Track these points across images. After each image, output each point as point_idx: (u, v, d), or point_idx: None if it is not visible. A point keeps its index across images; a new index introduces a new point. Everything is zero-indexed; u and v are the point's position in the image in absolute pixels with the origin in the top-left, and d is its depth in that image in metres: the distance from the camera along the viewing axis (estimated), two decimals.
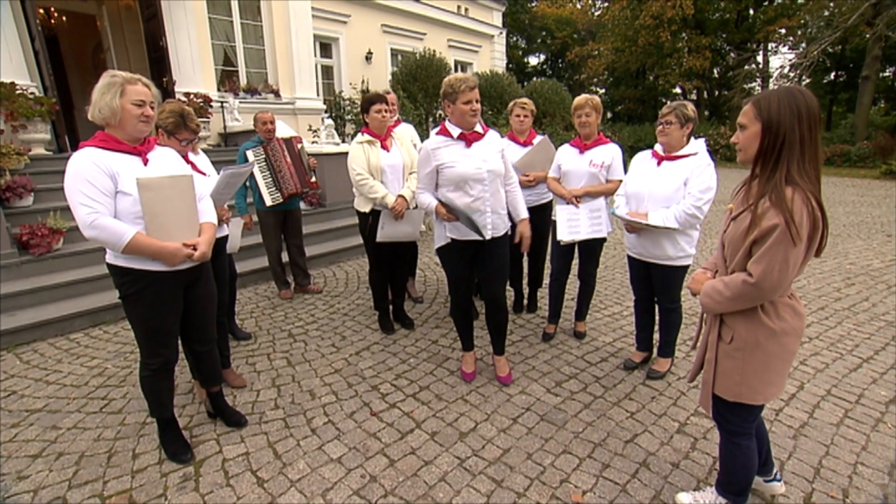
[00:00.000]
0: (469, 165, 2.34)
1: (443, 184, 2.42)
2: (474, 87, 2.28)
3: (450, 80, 2.29)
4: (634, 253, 2.61)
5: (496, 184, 2.43)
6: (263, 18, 8.86)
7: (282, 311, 3.92)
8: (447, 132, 2.40)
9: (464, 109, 2.29)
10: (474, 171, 2.34)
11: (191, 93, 7.50)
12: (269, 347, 3.25)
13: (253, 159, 3.71)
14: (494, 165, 2.39)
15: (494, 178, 2.40)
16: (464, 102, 2.28)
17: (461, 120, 2.34)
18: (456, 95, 2.28)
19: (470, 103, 2.29)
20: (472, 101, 2.28)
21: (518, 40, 30.47)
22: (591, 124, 2.85)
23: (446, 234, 2.45)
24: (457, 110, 2.31)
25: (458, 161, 2.35)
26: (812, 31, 19.65)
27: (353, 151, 3.05)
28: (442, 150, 2.38)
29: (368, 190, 3.02)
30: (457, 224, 2.41)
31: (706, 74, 23.89)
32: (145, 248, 1.75)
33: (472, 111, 2.30)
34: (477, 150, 2.39)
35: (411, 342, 3.28)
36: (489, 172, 2.37)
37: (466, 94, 2.27)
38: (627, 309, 3.82)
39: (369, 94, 3.06)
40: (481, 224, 2.37)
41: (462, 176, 2.33)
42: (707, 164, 2.31)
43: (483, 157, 2.38)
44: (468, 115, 2.30)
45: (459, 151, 2.37)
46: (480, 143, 2.41)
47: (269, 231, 4.00)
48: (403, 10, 12.89)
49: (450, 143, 2.39)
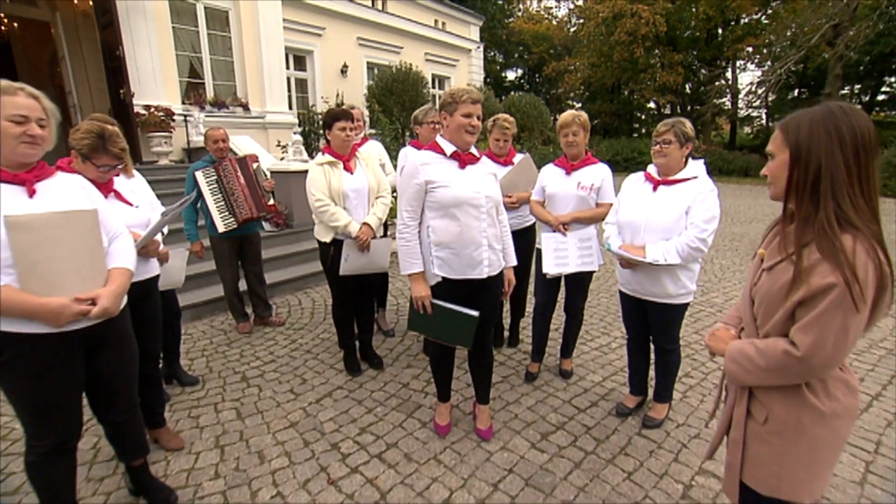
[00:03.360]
0: (466, 187, 2.03)
1: (431, 208, 2.07)
2: (478, 102, 2.01)
3: (452, 90, 2.02)
4: (628, 289, 2.33)
5: (492, 213, 2.13)
6: (232, 29, 8.49)
7: (237, 349, 3.50)
8: (438, 148, 2.09)
9: (462, 122, 2.01)
10: (472, 194, 2.03)
11: (151, 105, 7.07)
12: (219, 394, 2.84)
13: (203, 181, 3.33)
14: (491, 192, 2.11)
15: (492, 206, 2.11)
16: (463, 114, 2.00)
17: (456, 136, 2.05)
18: (455, 106, 2.00)
19: (470, 117, 2.01)
20: (473, 115, 2.01)
21: (496, 55, 30.69)
22: (579, 143, 2.59)
23: (434, 271, 2.11)
24: (453, 123, 2.02)
25: (453, 182, 2.03)
26: (776, 50, 20.32)
27: (312, 174, 2.71)
28: (433, 167, 2.05)
29: (329, 217, 2.67)
30: (448, 258, 2.08)
31: (679, 90, 24.44)
32: (14, 306, 1.34)
33: (470, 127, 2.01)
34: (472, 174, 2.09)
35: (379, 386, 2.92)
36: (487, 198, 2.07)
37: (467, 107, 1.99)
38: (616, 341, 3.54)
39: (332, 110, 2.74)
40: (476, 261, 2.08)
41: (457, 199, 2.01)
42: (710, 189, 2.06)
43: (479, 181, 2.09)
44: (465, 131, 2.02)
45: (453, 171, 2.07)
46: (475, 167, 2.13)
47: (223, 259, 3.61)
48: (380, 24, 12.70)
49: (441, 160, 2.07)
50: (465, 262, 2.07)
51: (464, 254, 2.05)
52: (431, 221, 2.08)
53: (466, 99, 1.98)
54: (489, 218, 2.09)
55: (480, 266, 2.09)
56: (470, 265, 2.08)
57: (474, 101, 2.00)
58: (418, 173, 2.04)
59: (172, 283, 2.69)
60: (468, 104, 1.99)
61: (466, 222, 2.03)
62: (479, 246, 2.07)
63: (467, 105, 1.99)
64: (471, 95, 1.99)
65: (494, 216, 2.14)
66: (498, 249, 2.17)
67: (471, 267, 2.08)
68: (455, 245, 2.05)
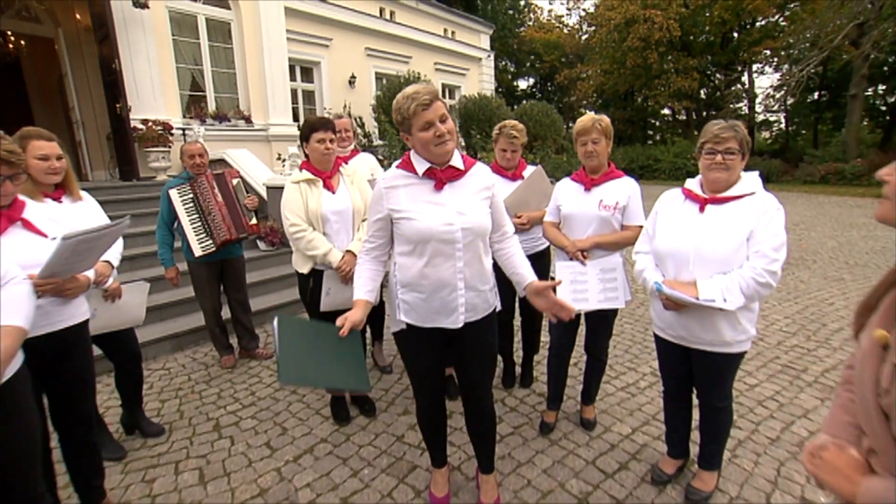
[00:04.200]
0: (436, 218, 1.58)
1: (398, 241, 1.70)
2: (431, 102, 1.50)
3: (396, 103, 1.56)
4: (670, 335, 1.88)
5: (476, 247, 1.66)
6: (234, 40, 8.31)
7: (216, 387, 3.13)
8: (410, 166, 1.65)
9: (424, 138, 1.54)
10: (442, 227, 1.58)
11: (149, 119, 6.86)
12: (184, 449, 2.46)
13: (177, 200, 3.00)
14: (475, 220, 1.62)
15: (473, 238, 1.64)
16: (421, 128, 1.54)
17: (426, 151, 1.59)
18: (408, 123, 1.55)
19: (432, 127, 1.52)
20: (434, 122, 1.52)
21: (507, 64, 30.48)
22: (600, 153, 2.17)
23: (400, 316, 1.72)
24: (416, 141, 1.59)
25: (420, 212, 1.59)
26: (795, 52, 19.74)
27: (287, 194, 2.34)
28: (400, 193, 1.62)
29: (306, 245, 2.30)
30: (414, 302, 1.68)
31: (694, 95, 23.88)
32: None
33: (436, 138, 1.53)
34: (450, 197, 1.63)
35: (369, 438, 2.51)
36: (465, 231, 1.60)
37: (421, 117, 1.51)
38: (645, 379, 3.08)
39: (309, 119, 2.37)
40: (451, 308, 1.66)
41: (421, 234, 1.58)
42: (776, 208, 1.62)
43: (459, 206, 1.62)
44: (433, 145, 1.56)
45: (425, 196, 1.62)
46: (457, 185, 1.65)
47: (202, 286, 3.25)
48: (388, 34, 12.50)
49: (412, 181, 1.64)
50: (434, 307, 1.65)
51: (434, 298, 1.64)
52: (398, 257, 1.69)
53: (416, 108, 1.49)
54: (470, 253, 1.64)
55: (455, 313, 1.66)
56: (441, 311, 1.65)
57: (426, 105, 1.49)
58: (382, 201, 1.64)
59: (129, 322, 2.33)
60: (420, 113, 1.50)
61: (436, 261, 1.61)
62: (453, 289, 1.64)
63: (420, 115, 1.51)
64: (418, 100, 1.49)
65: (480, 250, 1.69)
66: (485, 290, 1.73)
67: (442, 313, 1.66)
68: (422, 287, 1.63)
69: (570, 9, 30.49)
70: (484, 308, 1.74)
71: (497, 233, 1.77)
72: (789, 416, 2.61)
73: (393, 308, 1.74)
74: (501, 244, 1.79)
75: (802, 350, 3.45)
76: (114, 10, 6.57)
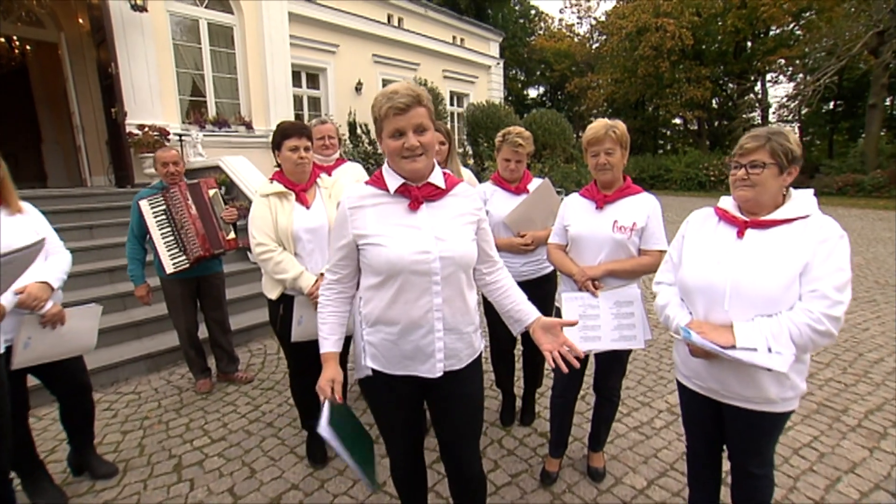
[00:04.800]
0: (408, 244, 1.29)
1: (365, 272, 1.39)
2: (407, 108, 1.22)
3: (375, 99, 1.29)
4: (697, 385, 1.55)
5: (457, 281, 1.36)
6: (237, 45, 8.16)
7: (186, 416, 2.85)
8: (381, 182, 1.36)
9: (392, 147, 1.27)
10: (415, 255, 1.28)
11: (145, 125, 6.69)
12: (135, 495, 2.17)
13: (148, 212, 2.74)
14: (456, 248, 1.33)
15: (455, 270, 1.34)
16: (391, 135, 1.26)
17: (397, 164, 1.32)
18: (380, 124, 1.28)
19: (402, 136, 1.25)
20: (406, 131, 1.24)
21: (517, 73, 30.36)
22: (615, 166, 1.87)
23: (366, 361, 1.42)
24: (385, 149, 1.31)
25: (391, 236, 1.30)
26: (809, 62, 19.38)
27: (254, 209, 2.06)
28: (368, 213, 1.33)
29: (274, 268, 2.01)
30: (382, 345, 1.38)
31: (706, 105, 23.53)
32: None
33: (404, 150, 1.25)
34: (428, 219, 1.33)
35: (346, 486, 2.20)
36: (444, 261, 1.31)
37: (392, 121, 1.24)
38: (661, 417, 2.75)
39: (283, 125, 2.10)
40: (426, 353, 1.36)
41: (393, 263, 1.28)
42: (839, 235, 1.29)
43: (438, 230, 1.32)
44: (399, 157, 1.28)
45: (397, 217, 1.33)
46: (437, 205, 1.36)
47: (175, 304, 2.99)
48: (396, 40, 12.37)
49: (382, 199, 1.34)
50: (406, 351, 1.36)
51: (406, 340, 1.35)
52: (363, 291, 1.40)
53: (388, 110, 1.23)
54: (450, 288, 1.34)
55: (431, 360, 1.36)
56: (414, 356, 1.36)
57: (401, 110, 1.22)
58: (346, 224, 1.35)
59: (77, 350, 2.06)
60: (392, 117, 1.24)
61: (408, 297, 1.31)
62: (429, 330, 1.34)
63: (391, 119, 1.24)
64: (394, 101, 1.22)
65: (462, 283, 1.39)
66: (469, 332, 1.43)
67: (416, 359, 1.36)
68: (392, 328, 1.34)
69: (581, 17, 30.30)
70: (468, 354, 1.44)
71: (485, 264, 1.48)
72: (833, 469, 2.25)
73: (357, 350, 1.44)
74: (492, 276, 1.50)
75: (839, 385, 3.09)
76: (112, 13, 6.43)
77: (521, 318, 1.45)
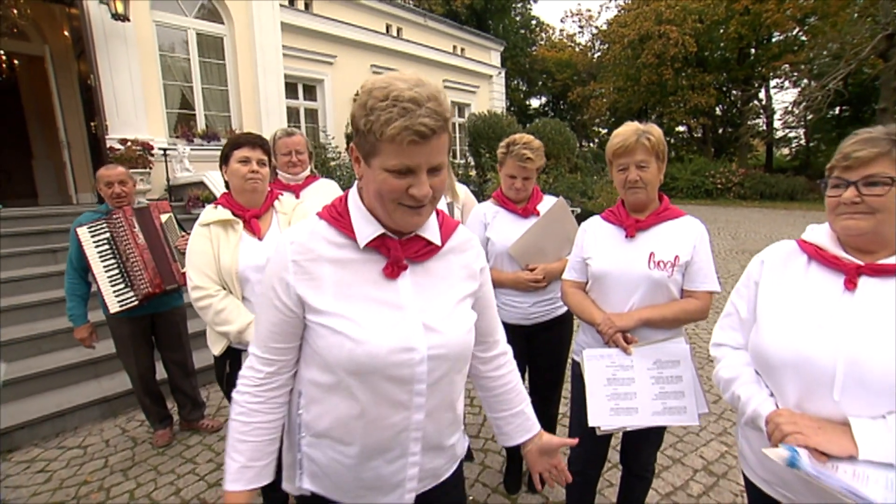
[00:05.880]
0: (385, 336, 0.85)
1: (310, 360, 0.92)
2: (435, 133, 0.78)
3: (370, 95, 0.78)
4: (778, 491, 1.09)
5: (449, 386, 0.94)
6: (227, 56, 7.86)
7: (133, 479, 2.42)
8: (343, 222, 0.90)
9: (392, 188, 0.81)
10: (395, 356, 0.85)
11: (128, 139, 6.34)
12: None
13: (88, 240, 2.34)
14: (452, 339, 0.91)
15: (447, 371, 0.91)
16: (394, 170, 0.80)
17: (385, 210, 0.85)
18: (372, 142, 0.79)
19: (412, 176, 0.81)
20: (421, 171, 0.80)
21: (519, 83, 30.19)
22: (649, 183, 1.45)
23: (303, 482, 0.97)
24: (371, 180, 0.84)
25: (361, 321, 0.86)
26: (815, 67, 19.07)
27: (191, 242, 1.65)
28: (325, 272, 0.88)
29: (214, 317, 1.59)
30: (330, 466, 0.93)
31: (711, 112, 23.25)
32: None
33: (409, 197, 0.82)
34: (413, 294, 0.90)
35: None
36: (434, 362, 0.88)
37: (403, 152, 0.77)
38: (697, 480, 2.28)
39: (234, 136, 1.70)
40: (393, 481, 0.93)
41: (360, 365, 0.84)
42: None
43: (429, 312, 0.90)
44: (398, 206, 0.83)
45: (366, 287, 0.89)
46: (426, 270, 0.93)
47: (125, 346, 2.57)
48: (395, 51, 12.15)
49: (345, 254, 0.90)
50: (365, 479, 0.93)
51: (366, 467, 0.92)
52: (306, 384, 0.94)
53: (401, 132, 0.75)
54: (437, 397, 0.91)
55: (398, 490, 0.94)
56: (376, 486, 0.94)
57: (423, 137, 0.76)
58: (287, 283, 0.88)
59: None
60: (403, 146, 0.77)
61: (376, 412, 0.88)
62: (401, 453, 0.92)
63: (402, 148, 0.77)
64: (413, 123, 0.75)
65: (455, 387, 0.95)
66: (452, 444, 1.00)
67: (378, 489, 0.94)
68: (347, 448, 0.91)
69: (583, 27, 30.18)
70: (447, 468, 1.02)
71: (482, 345, 1.05)
72: None
73: (291, 459, 1.00)
74: (492, 364, 1.07)
75: None
76: (93, 23, 6.13)
77: (514, 433, 1.06)
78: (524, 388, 1.11)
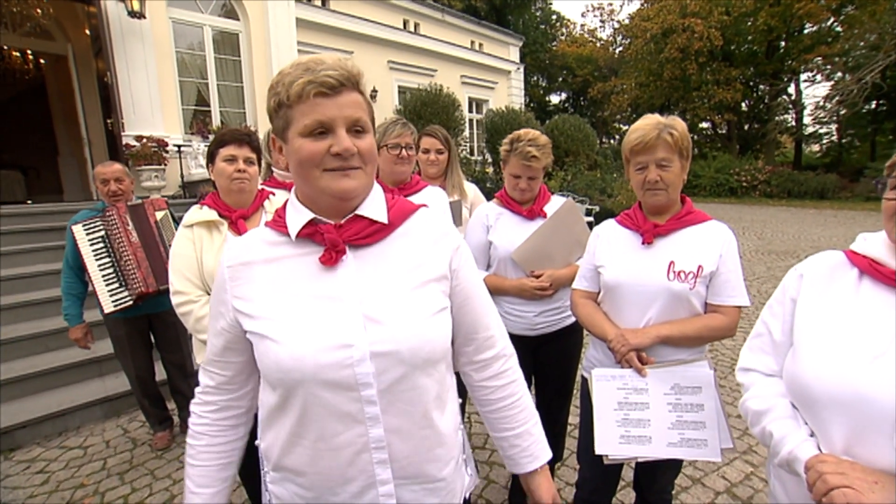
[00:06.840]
0: (313, 334, 0.73)
1: (263, 382, 0.83)
2: (343, 86, 0.72)
3: (280, 73, 0.74)
4: None
5: (411, 390, 0.77)
6: (242, 53, 7.87)
7: (129, 484, 2.36)
8: (278, 221, 0.82)
9: (309, 153, 0.72)
10: (325, 355, 0.72)
11: (143, 136, 6.38)
12: None
13: (83, 239, 2.28)
14: (404, 334, 0.75)
15: (405, 374, 0.76)
16: (307, 132, 0.72)
17: (312, 184, 0.75)
18: (285, 114, 0.74)
19: (328, 135, 0.72)
20: (337, 126, 0.72)
21: (539, 79, 29.80)
22: (671, 184, 1.28)
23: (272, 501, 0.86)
24: (291, 156, 0.76)
25: (286, 320, 0.75)
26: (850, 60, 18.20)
27: (175, 244, 1.55)
28: (256, 273, 0.79)
29: (195, 324, 1.49)
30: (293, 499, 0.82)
31: (737, 107, 22.48)
32: None
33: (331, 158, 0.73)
34: (354, 282, 0.77)
35: None
36: (379, 360, 0.73)
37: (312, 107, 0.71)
38: (720, 502, 2.11)
39: (220, 133, 1.60)
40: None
41: (287, 371, 0.73)
42: None
43: (371, 302, 0.77)
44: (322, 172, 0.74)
45: (301, 282, 0.78)
46: (373, 253, 0.81)
47: (122, 347, 2.52)
48: (412, 46, 12.04)
49: (277, 250, 0.80)
50: None
51: (326, 498, 0.79)
52: (261, 409, 0.85)
53: (307, 87, 0.70)
54: (399, 407, 0.76)
55: None
56: None
57: (330, 89, 0.71)
58: (224, 294, 0.81)
59: None
60: (310, 101, 0.71)
61: (320, 430, 0.75)
62: (367, 485, 0.77)
63: (309, 103, 0.71)
64: (317, 76, 0.70)
65: (428, 394, 0.79)
66: (444, 477, 0.84)
67: None
68: (301, 479, 0.79)
69: (604, 21, 29.54)
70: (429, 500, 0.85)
71: (469, 344, 0.90)
72: None
73: (259, 491, 0.90)
74: (487, 370, 0.91)
75: None
76: (110, 21, 6.18)
77: (520, 459, 0.91)
78: (531, 403, 0.96)
